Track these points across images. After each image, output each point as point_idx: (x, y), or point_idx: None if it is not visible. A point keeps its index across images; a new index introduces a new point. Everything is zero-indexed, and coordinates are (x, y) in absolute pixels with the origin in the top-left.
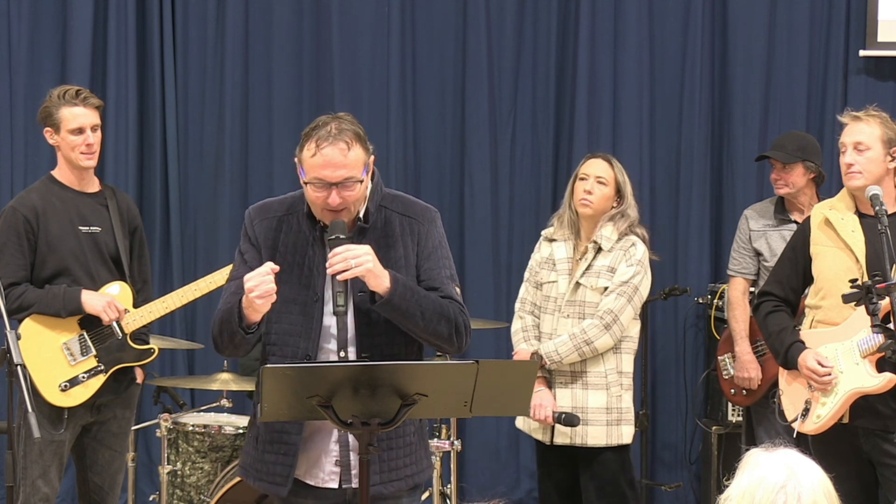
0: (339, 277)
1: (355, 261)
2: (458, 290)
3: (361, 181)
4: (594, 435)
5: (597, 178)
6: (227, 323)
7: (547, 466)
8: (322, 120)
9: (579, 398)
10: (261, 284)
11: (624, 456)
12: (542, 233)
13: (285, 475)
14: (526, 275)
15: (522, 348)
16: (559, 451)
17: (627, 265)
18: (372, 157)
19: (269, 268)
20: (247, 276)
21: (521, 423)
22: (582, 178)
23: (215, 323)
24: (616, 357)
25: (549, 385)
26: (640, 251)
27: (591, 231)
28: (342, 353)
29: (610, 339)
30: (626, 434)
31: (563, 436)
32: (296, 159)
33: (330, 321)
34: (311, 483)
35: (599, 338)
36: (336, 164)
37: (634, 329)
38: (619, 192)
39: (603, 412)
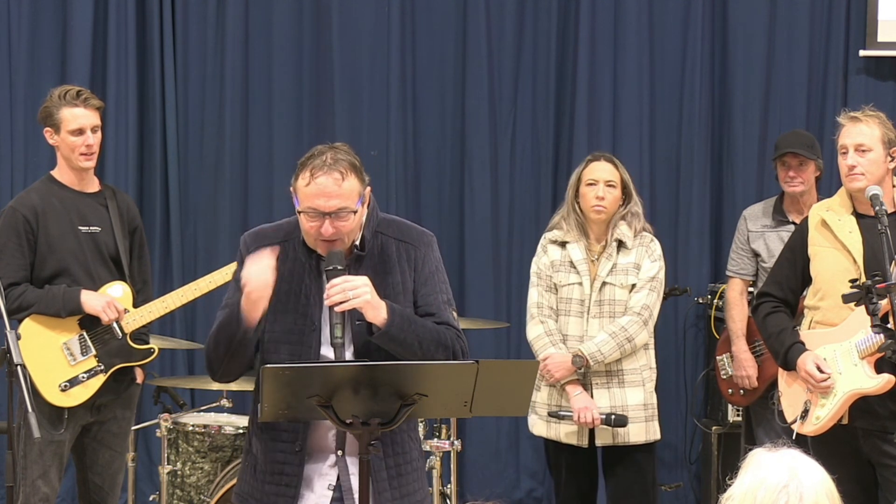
0: (336, 309)
1: (353, 292)
2: (454, 314)
3: (355, 212)
4: (635, 432)
5: (606, 182)
6: (226, 328)
7: (573, 470)
8: (318, 149)
9: (617, 397)
10: (255, 279)
11: (652, 453)
12: (546, 235)
13: None
14: (534, 279)
15: (551, 352)
16: (585, 453)
17: (651, 261)
18: (368, 189)
19: (268, 255)
20: (245, 272)
21: (542, 429)
22: (591, 184)
23: (210, 339)
24: (646, 353)
25: (585, 387)
26: (658, 246)
27: (601, 231)
28: None
29: (647, 335)
30: (657, 430)
31: (605, 437)
32: (291, 188)
33: (327, 350)
34: None
35: (639, 334)
36: (330, 193)
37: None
38: (625, 191)
39: (641, 409)
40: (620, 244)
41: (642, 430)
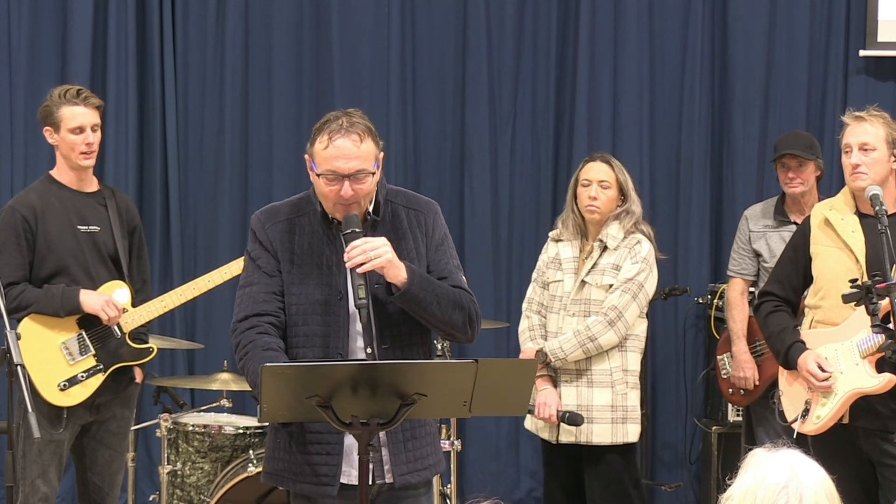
0: (358, 270)
1: (374, 252)
2: (465, 279)
3: (373, 174)
4: (599, 433)
5: (599, 182)
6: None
7: (553, 466)
8: (333, 115)
9: (584, 396)
10: None
11: (629, 455)
12: (549, 234)
13: (332, 474)
14: (534, 275)
15: (529, 347)
16: (565, 451)
17: (632, 262)
18: (382, 154)
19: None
20: None
21: (528, 423)
22: (585, 184)
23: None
24: (622, 355)
25: (555, 383)
26: (646, 249)
27: (597, 231)
28: (369, 350)
29: (614, 336)
30: (631, 433)
31: (568, 434)
32: (306, 155)
33: (356, 317)
34: (344, 481)
35: (603, 334)
36: (349, 155)
37: (640, 327)
38: (621, 191)
39: (608, 410)
40: (605, 244)
41: (608, 431)
